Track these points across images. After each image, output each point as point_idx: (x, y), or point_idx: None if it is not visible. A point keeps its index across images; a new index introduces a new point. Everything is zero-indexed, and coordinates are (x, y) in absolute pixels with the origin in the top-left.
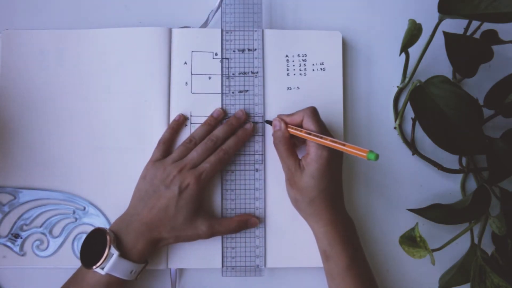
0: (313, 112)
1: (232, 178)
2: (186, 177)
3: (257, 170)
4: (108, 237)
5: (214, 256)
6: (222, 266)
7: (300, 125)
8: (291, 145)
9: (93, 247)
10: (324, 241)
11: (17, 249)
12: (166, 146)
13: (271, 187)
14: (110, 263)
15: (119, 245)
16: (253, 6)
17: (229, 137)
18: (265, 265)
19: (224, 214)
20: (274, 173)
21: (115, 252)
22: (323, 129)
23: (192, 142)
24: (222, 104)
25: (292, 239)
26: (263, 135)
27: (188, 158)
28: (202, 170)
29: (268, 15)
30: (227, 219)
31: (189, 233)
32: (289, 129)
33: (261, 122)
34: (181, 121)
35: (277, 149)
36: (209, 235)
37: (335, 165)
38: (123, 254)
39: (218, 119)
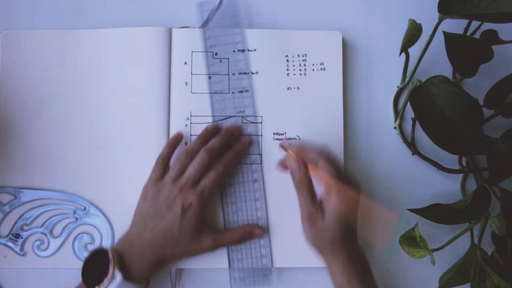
0: (330, 157)
1: (232, 191)
2: (188, 196)
3: (255, 180)
4: (111, 258)
5: (214, 256)
6: (230, 278)
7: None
8: (313, 187)
9: (95, 266)
10: (340, 277)
11: (17, 249)
12: (165, 164)
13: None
14: (114, 286)
15: (122, 266)
16: (254, 6)
17: (224, 148)
18: (272, 275)
19: (227, 227)
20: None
21: (118, 274)
22: (340, 170)
23: (188, 157)
24: (222, 104)
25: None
26: (259, 143)
27: (186, 175)
28: (203, 187)
29: (268, 15)
30: (230, 231)
31: (194, 250)
32: (311, 172)
33: (259, 123)
34: (179, 139)
35: (298, 191)
36: (214, 248)
37: (354, 207)
38: (127, 276)
39: (213, 132)
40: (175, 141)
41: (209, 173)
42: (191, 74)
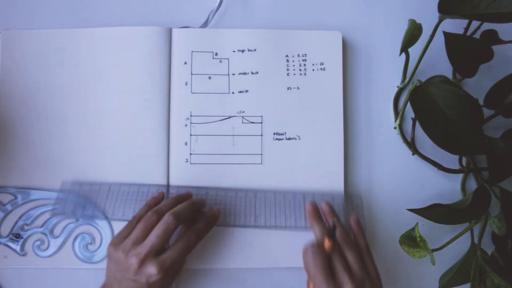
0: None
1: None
2: (151, 272)
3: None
4: None
5: (214, 256)
6: None
7: None
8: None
9: None
10: None
11: (18, 249)
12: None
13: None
14: None
15: None
16: (254, 6)
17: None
18: None
19: None
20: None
21: None
22: None
23: (155, 217)
24: (222, 105)
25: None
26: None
27: (148, 242)
28: (168, 261)
29: (268, 15)
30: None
31: None
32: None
33: (259, 123)
34: (160, 199)
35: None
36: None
37: None
38: None
39: (187, 198)
40: (155, 201)
41: (178, 244)
42: (191, 74)
